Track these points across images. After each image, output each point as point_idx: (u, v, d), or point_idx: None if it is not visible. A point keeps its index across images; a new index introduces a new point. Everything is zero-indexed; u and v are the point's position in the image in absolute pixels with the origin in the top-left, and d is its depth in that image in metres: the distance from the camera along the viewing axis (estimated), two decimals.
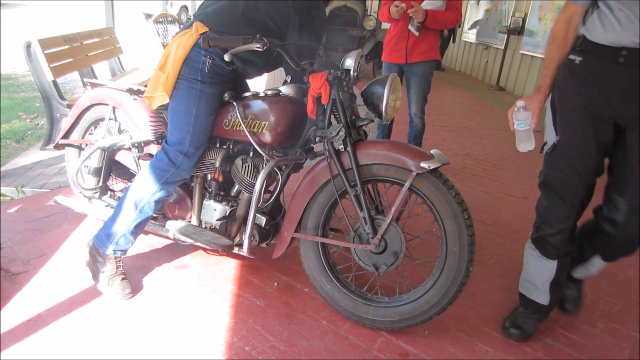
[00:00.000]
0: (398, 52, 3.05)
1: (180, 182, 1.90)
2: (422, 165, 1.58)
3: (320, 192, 1.78)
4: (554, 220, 1.65)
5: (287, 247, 1.83)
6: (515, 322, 1.78)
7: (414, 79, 3.10)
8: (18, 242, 2.18)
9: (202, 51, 1.73)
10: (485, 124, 5.08)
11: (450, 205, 1.62)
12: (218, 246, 1.81)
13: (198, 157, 1.87)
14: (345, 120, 1.68)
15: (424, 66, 3.06)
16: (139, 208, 1.82)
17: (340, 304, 1.78)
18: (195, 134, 1.81)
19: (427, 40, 3.01)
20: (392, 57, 3.10)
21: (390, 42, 3.10)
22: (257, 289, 1.96)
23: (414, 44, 3.00)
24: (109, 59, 4.25)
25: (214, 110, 1.84)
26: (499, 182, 3.39)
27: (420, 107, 3.13)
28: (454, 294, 1.64)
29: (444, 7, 2.93)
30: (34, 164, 3.12)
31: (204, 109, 1.80)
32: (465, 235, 1.62)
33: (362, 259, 1.76)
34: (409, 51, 3.01)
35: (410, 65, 3.06)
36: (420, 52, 3.01)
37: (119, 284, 1.84)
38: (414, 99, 3.13)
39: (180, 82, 1.77)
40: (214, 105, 1.83)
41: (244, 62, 1.81)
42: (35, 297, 1.82)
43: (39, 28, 10.19)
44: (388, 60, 3.14)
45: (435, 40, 3.07)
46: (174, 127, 1.82)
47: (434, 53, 3.06)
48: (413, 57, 3.02)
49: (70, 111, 2.44)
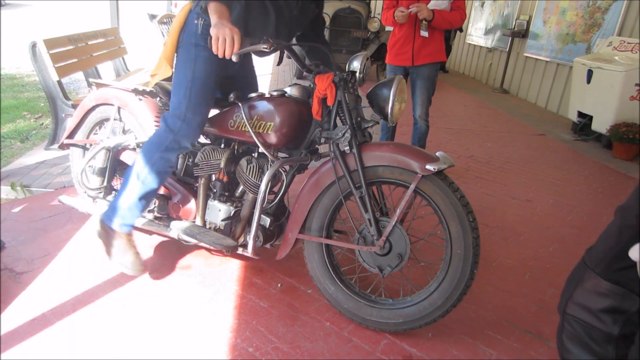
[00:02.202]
0: (404, 55, 3.05)
1: (180, 151, 1.87)
2: (427, 167, 1.58)
3: (324, 193, 1.78)
4: None
5: (291, 249, 1.83)
6: None
7: (419, 81, 3.10)
8: (22, 242, 2.19)
9: (195, 15, 1.73)
10: (488, 127, 5.07)
11: (455, 207, 1.61)
12: (222, 247, 1.81)
13: (198, 126, 1.80)
14: (351, 122, 1.68)
15: (430, 68, 3.06)
16: (141, 179, 1.82)
17: (344, 306, 1.78)
18: (192, 97, 1.75)
19: (434, 42, 3.02)
20: (397, 60, 3.11)
21: (395, 45, 3.10)
22: (260, 290, 1.95)
23: (420, 46, 3.01)
24: (114, 59, 4.27)
25: (211, 75, 1.78)
26: (502, 184, 3.38)
27: (424, 109, 3.14)
28: (458, 297, 1.63)
29: (449, 7, 2.94)
30: (38, 164, 3.13)
31: (200, 73, 1.75)
32: (470, 238, 1.61)
33: (367, 260, 1.75)
34: (415, 53, 3.01)
35: (417, 68, 3.07)
36: (427, 54, 3.02)
37: (130, 259, 1.85)
38: (419, 101, 3.13)
39: (179, 50, 1.78)
40: (212, 69, 1.77)
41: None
42: (39, 296, 1.82)
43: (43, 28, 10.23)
44: (393, 62, 3.14)
45: (441, 41, 3.07)
46: (174, 94, 1.80)
47: (440, 54, 3.07)
48: (420, 60, 3.03)
49: (75, 111, 2.44)
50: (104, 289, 1.89)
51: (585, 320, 1.29)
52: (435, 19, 2.90)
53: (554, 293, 2.08)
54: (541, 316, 1.92)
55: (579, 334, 1.31)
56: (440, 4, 2.90)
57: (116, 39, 4.24)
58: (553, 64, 6.06)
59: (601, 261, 1.26)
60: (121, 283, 1.93)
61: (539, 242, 2.57)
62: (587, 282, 1.29)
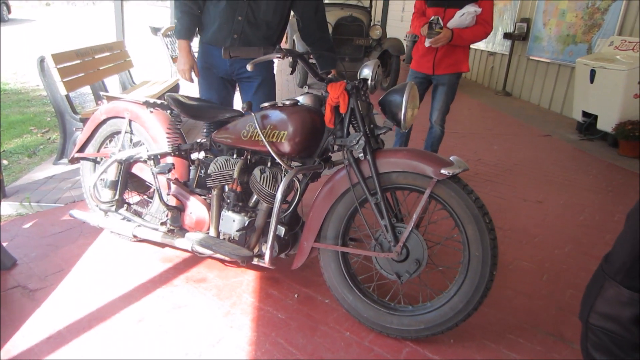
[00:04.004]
0: (426, 64, 3.06)
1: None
2: (442, 171, 1.57)
3: (339, 201, 1.77)
4: None
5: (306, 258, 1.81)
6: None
7: (440, 88, 3.10)
8: (34, 258, 2.18)
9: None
10: (494, 130, 5.07)
11: (470, 210, 1.61)
12: (239, 257, 1.80)
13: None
14: (364, 129, 1.67)
15: (451, 77, 3.05)
16: None
17: (364, 315, 1.76)
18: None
19: (456, 54, 2.99)
20: (419, 67, 3.13)
21: (418, 52, 3.12)
22: (277, 301, 1.93)
23: (441, 57, 2.99)
24: (120, 72, 4.28)
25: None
26: (512, 187, 3.37)
27: (441, 115, 3.14)
28: (479, 299, 1.61)
29: (474, 22, 2.89)
30: (47, 179, 3.12)
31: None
32: (488, 239, 1.60)
33: (384, 267, 1.73)
34: (436, 63, 3.02)
35: (438, 75, 3.07)
36: (448, 65, 3.01)
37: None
38: (437, 106, 3.13)
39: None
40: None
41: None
42: (54, 313, 1.80)
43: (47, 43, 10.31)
44: (415, 68, 3.16)
45: (465, 52, 3.03)
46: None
47: (462, 65, 3.04)
48: (440, 70, 3.02)
49: (85, 125, 2.45)
50: (119, 305, 1.88)
51: (610, 329, 1.26)
52: (454, 40, 2.88)
53: (573, 294, 2.06)
54: (562, 318, 1.89)
55: (605, 344, 1.28)
56: (464, 20, 2.87)
57: (122, 52, 4.26)
58: (555, 65, 6.06)
59: (620, 269, 1.23)
60: (136, 298, 1.92)
61: (553, 244, 2.54)
62: (607, 291, 1.26)
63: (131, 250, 2.28)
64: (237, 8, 2.15)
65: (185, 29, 2.27)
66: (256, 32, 2.19)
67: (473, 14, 2.84)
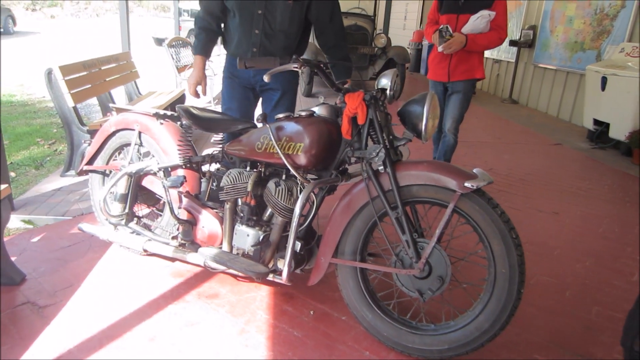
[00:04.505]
0: (441, 71, 3.06)
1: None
2: (466, 185, 1.52)
3: (357, 215, 1.72)
4: None
5: None
6: None
7: (454, 95, 3.09)
8: (43, 273, 2.12)
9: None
10: (503, 138, 5.01)
11: (496, 224, 1.55)
12: (254, 274, 1.74)
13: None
14: (384, 141, 1.62)
15: (466, 83, 3.04)
16: None
17: (384, 334, 1.70)
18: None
19: (470, 60, 2.98)
20: (435, 75, 3.13)
21: (434, 61, 3.12)
22: (292, 318, 1.87)
23: (456, 64, 2.99)
24: (126, 83, 4.26)
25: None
26: (526, 197, 3.30)
27: (456, 124, 3.11)
28: (506, 319, 1.55)
29: (488, 27, 2.88)
30: (54, 191, 3.08)
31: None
32: (515, 256, 1.54)
33: (405, 284, 1.67)
34: (451, 70, 3.02)
35: (453, 82, 3.06)
36: (463, 72, 3.00)
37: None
38: (451, 114, 3.09)
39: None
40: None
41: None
42: (64, 331, 1.75)
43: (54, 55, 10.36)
44: (432, 77, 3.17)
45: (480, 59, 3.03)
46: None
47: (477, 72, 3.03)
48: (455, 76, 3.02)
49: (94, 137, 2.41)
50: (131, 322, 1.82)
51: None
52: (468, 46, 2.88)
53: (599, 312, 1.99)
54: (590, 338, 1.82)
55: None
56: (478, 24, 2.86)
57: (128, 63, 4.24)
58: (563, 73, 6.02)
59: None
60: (148, 315, 1.86)
61: (573, 257, 2.47)
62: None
63: (141, 264, 2.23)
64: (253, 21, 2.12)
65: (201, 45, 2.25)
66: (275, 43, 2.15)
67: (487, 17, 2.83)
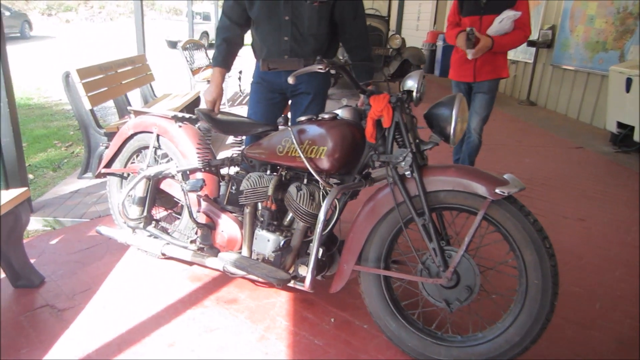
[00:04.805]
0: (466, 72, 3.03)
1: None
2: (497, 191, 1.46)
3: (382, 221, 1.66)
4: None
5: None
6: None
7: (480, 95, 3.07)
8: (62, 276, 2.11)
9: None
10: (523, 141, 4.91)
11: (529, 233, 1.48)
12: (276, 280, 1.70)
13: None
14: (410, 145, 1.57)
15: (491, 83, 3.03)
16: None
17: (408, 344, 1.64)
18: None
19: (496, 60, 2.97)
20: (459, 76, 3.10)
21: (458, 61, 3.09)
22: (313, 325, 1.82)
23: (482, 64, 2.97)
24: (142, 86, 4.26)
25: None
26: (550, 203, 3.21)
27: (481, 124, 3.09)
28: (538, 332, 1.48)
29: (512, 27, 2.85)
30: (72, 193, 3.08)
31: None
32: (548, 266, 1.47)
33: (432, 294, 1.61)
34: (477, 70, 2.99)
35: (478, 83, 3.04)
36: (489, 71, 2.99)
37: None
38: (476, 114, 3.07)
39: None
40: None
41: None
42: (83, 335, 1.72)
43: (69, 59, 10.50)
44: (456, 78, 3.13)
45: (504, 58, 3.03)
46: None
47: (502, 71, 3.03)
48: (481, 76, 3.00)
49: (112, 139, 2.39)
50: (149, 327, 1.79)
51: None
52: (495, 48, 2.87)
53: (632, 325, 1.90)
54: (624, 353, 1.74)
55: None
56: (504, 25, 2.83)
57: (143, 66, 4.25)
58: (583, 74, 5.89)
59: None
60: (166, 320, 1.83)
61: (602, 266, 2.39)
62: None
63: (158, 268, 2.20)
64: (281, 29, 2.04)
65: (222, 57, 2.14)
66: (305, 47, 2.08)
67: (513, 17, 2.80)
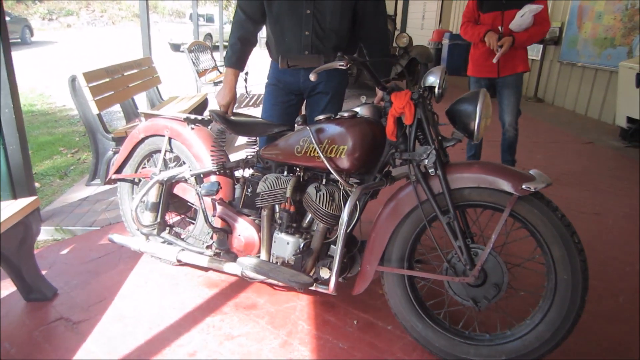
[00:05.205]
0: (489, 67, 3.05)
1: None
2: (524, 187, 1.42)
3: (405, 220, 1.62)
4: None
5: None
6: None
7: (506, 90, 3.09)
8: (75, 287, 2.07)
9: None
10: (532, 137, 4.86)
11: (557, 229, 1.45)
12: (298, 284, 1.66)
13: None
14: (433, 141, 1.53)
15: (516, 77, 3.07)
16: None
17: (436, 344, 1.60)
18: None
19: (518, 55, 3.03)
20: (481, 72, 3.11)
21: (480, 57, 3.09)
22: (336, 329, 1.78)
23: (506, 60, 3.01)
24: (148, 89, 4.23)
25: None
26: (565, 198, 3.17)
27: (514, 117, 3.12)
28: (569, 328, 1.45)
29: (532, 21, 2.90)
30: (80, 201, 3.05)
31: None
32: (578, 262, 1.44)
33: (458, 293, 1.57)
34: (501, 66, 3.02)
35: (502, 77, 3.06)
36: (513, 66, 3.04)
37: None
38: (507, 109, 3.12)
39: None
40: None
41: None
42: (100, 348, 1.68)
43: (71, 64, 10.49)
44: (477, 74, 3.14)
45: (525, 52, 3.08)
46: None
47: (524, 64, 3.08)
48: (505, 71, 3.04)
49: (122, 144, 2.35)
50: (168, 336, 1.75)
51: None
52: (516, 44, 2.93)
53: None
54: None
55: None
56: (525, 19, 2.87)
57: (150, 69, 4.22)
58: (591, 70, 5.85)
59: None
60: (185, 328, 1.79)
61: (622, 260, 2.34)
62: None
63: (173, 274, 2.16)
64: (302, 23, 1.99)
65: (236, 57, 2.07)
66: (326, 43, 2.02)
67: (535, 11, 2.85)
